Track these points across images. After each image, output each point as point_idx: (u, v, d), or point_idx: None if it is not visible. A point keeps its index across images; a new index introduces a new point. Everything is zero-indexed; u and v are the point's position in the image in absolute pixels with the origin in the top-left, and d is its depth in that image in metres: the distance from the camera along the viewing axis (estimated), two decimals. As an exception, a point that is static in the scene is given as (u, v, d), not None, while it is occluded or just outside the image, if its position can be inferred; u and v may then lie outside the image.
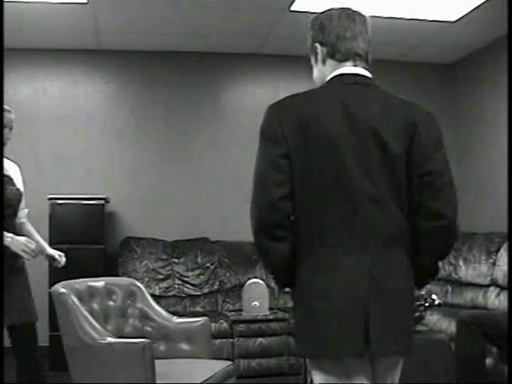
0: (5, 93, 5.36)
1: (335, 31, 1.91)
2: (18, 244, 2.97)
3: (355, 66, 1.91)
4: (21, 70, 5.52)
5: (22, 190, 3.33)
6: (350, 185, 1.76)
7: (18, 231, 3.26)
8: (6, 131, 3.30)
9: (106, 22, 4.95)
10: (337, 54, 1.91)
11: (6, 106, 3.32)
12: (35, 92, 5.58)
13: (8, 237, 2.98)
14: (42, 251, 3.35)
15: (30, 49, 5.45)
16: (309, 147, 1.76)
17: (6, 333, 3.14)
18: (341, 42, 1.91)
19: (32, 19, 4.78)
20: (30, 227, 3.46)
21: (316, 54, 1.96)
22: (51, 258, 3.38)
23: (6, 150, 3.37)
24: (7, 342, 3.19)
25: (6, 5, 4.18)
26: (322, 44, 1.93)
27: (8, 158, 3.44)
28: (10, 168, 3.38)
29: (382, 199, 1.78)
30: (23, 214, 3.41)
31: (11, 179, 3.30)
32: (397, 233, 1.80)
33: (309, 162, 1.76)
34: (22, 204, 3.36)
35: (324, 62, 1.94)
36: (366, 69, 1.94)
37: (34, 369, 3.21)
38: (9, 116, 3.32)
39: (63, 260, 3.38)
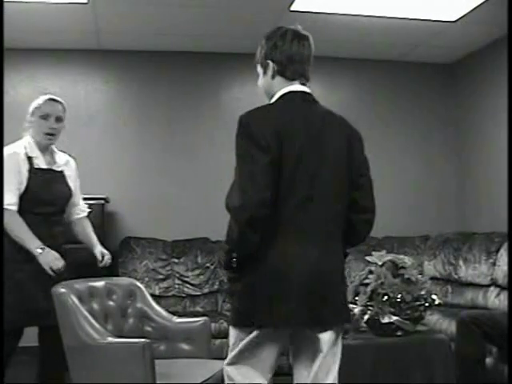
0: (5, 93, 5.37)
1: (287, 53, 2.23)
2: (46, 259, 3.00)
3: (302, 84, 2.25)
4: (21, 70, 5.52)
5: (72, 187, 3.32)
6: (318, 190, 2.14)
7: (73, 227, 3.40)
8: (50, 121, 3.26)
9: (106, 22, 4.95)
10: (286, 73, 2.24)
11: (51, 96, 3.35)
12: (35, 92, 5.56)
13: (39, 248, 2.98)
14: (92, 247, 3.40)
15: (29, 49, 5.45)
16: (283, 155, 2.06)
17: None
18: (291, 64, 2.23)
19: (32, 19, 4.78)
20: (85, 223, 3.49)
21: (266, 69, 2.27)
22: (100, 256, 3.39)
23: (59, 143, 3.34)
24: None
25: (5, 5, 4.18)
26: (273, 61, 2.25)
27: (64, 152, 3.42)
28: (65, 163, 3.37)
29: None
30: (78, 210, 3.44)
31: (63, 175, 3.29)
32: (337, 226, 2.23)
33: (284, 168, 2.06)
34: (76, 200, 3.39)
35: (273, 77, 2.26)
36: (308, 87, 2.28)
37: (59, 369, 3.21)
38: (53, 106, 3.33)
39: (107, 260, 3.39)
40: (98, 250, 3.44)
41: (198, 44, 5.55)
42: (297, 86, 2.24)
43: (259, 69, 2.33)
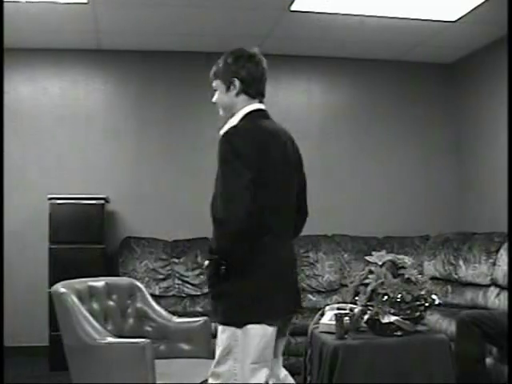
0: (5, 93, 5.37)
1: (253, 74, 2.44)
2: None
3: (261, 102, 2.49)
4: (21, 70, 5.52)
5: None
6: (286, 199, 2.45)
7: None
8: None
9: (106, 22, 4.95)
10: (250, 92, 2.45)
11: None
12: (35, 92, 5.58)
13: None
14: None
15: (30, 49, 5.45)
16: (263, 169, 2.28)
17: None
18: (255, 83, 2.46)
19: (32, 19, 4.78)
20: None
21: (231, 86, 2.45)
22: None
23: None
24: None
25: (5, 5, 4.19)
26: (239, 80, 2.43)
27: None
28: None
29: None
30: None
31: None
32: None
33: (264, 181, 2.28)
34: None
35: (237, 94, 2.45)
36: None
37: None
38: None
39: None
40: None
41: (197, 44, 5.55)
42: (259, 105, 2.47)
43: (219, 84, 2.50)
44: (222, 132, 2.43)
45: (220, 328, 2.36)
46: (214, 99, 2.58)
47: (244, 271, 2.28)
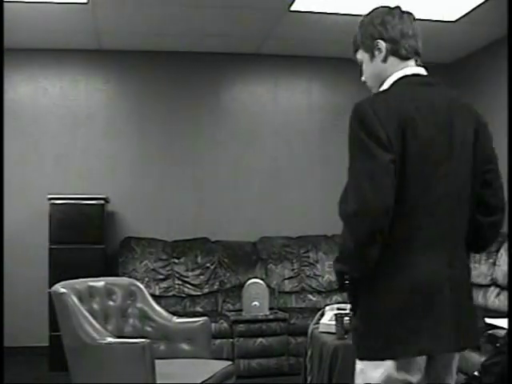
0: (5, 93, 5.37)
1: (399, 28, 1.92)
2: None
3: (418, 65, 1.95)
4: (21, 70, 5.52)
5: None
6: (445, 191, 1.82)
7: None
8: None
9: (106, 22, 4.95)
10: (401, 52, 1.92)
11: None
12: (35, 92, 5.58)
13: None
14: None
15: (30, 49, 5.45)
16: (407, 152, 1.74)
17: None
18: (405, 40, 1.92)
19: (32, 19, 4.78)
20: None
21: (377, 51, 1.95)
22: None
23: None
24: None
25: (5, 5, 4.18)
26: (385, 40, 1.93)
27: None
28: None
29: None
30: None
31: None
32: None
33: (407, 167, 1.74)
34: None
35: (385, 59, 1.94)
36: (423, 67, 1.97)
37: None
38: None
39: None
40: None
41: (197, 44, 5.55)
42: (413, 69, 1.93)
43: (362, 55, 2.03)
44: None
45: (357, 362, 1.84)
46: (363, 77, 2.12)
47: (376, 286, 1.77)
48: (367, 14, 1.99)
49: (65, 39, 5.31)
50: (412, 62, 1.94)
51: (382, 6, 1.97)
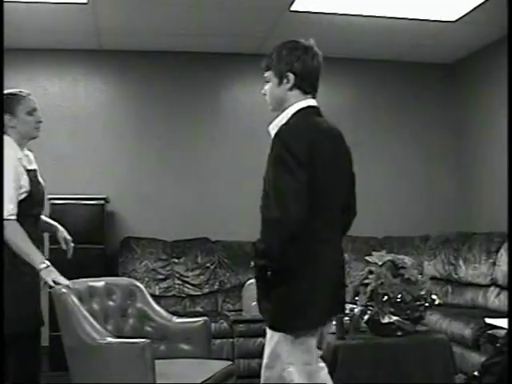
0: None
1: (309, 68, 2.32)
2: (49, 276, 2.89)
3: (314, 98, 2.35)
4: (21, 70, 5.51)
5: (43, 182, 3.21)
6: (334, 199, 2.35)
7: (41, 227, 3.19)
8: (36, 115, 3.24)
9: (106, 22, 4.95)
10: (304, 87, 2.32)
11: (23, 90, 3.21)
12: (35, 92, 5.50)
13: (43, 263, 2.86)
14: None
15: (30, 49, 5.45)
16: (316, 170, 2.18)
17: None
18: (309, 78, 2.33)
19: (32, 19, 4.78)
20: (44, 217, 3.34)
21: (285, 79, 2.30)
22: (64, 242, 3.34)
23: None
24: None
25: (5, 5, 4.18)
26: (295, 74, 2.29)
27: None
28: (34, 159, 3.24)
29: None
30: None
31: (37, 173, 3.22)
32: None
33: (316, 182, 2.19)
34: None
35: (291, 89, 2.31)
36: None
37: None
38: (32, 99, 3.23)
39: (70, 247, 3.30)
40: (61, 235, 3.34)
41: (198, 44, 5.55)
42: (312, 101, 2.34)
43: (271, 77, 2.35)
44: (271, 127, 2.34)
45: (269, 333, 2.33)
46: (263, 90, 2.41)
47: (292, 275, 2.21)
48: (287, 42, 2.34)
49: (65, 39, 5.31)
50: (310, 96, 2.34)
51: (301, 41, 2.34)
